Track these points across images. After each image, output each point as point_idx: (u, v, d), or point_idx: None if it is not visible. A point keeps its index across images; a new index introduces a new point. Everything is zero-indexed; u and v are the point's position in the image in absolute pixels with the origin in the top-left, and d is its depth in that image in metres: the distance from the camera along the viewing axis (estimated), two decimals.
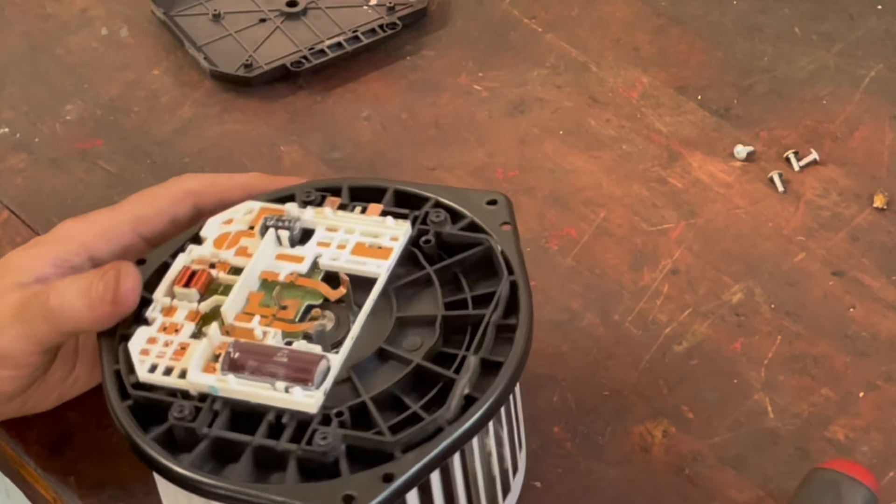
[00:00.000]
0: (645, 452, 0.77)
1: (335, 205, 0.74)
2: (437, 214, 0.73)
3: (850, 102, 0.95)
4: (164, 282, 0.72)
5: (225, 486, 0.65)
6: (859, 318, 0.83)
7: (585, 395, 0.79)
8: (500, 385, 0.66)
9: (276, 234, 0.73)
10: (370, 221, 0.73)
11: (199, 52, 0.98)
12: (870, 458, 0.76)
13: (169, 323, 0.70)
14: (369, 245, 0.72)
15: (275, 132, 0.95)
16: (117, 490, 0.76)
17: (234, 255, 0.72)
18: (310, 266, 0.72)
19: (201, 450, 0.66)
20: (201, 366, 0.68)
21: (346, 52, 0.99)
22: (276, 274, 0.71)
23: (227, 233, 0.74)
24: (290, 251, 0.73)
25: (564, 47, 1.00)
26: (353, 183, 0.76)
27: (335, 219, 0.73)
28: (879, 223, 0.88)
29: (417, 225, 0.73)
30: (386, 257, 0.71)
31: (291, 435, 0.66)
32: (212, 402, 0.67)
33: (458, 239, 0.73)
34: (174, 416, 0.66)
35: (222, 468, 0.66)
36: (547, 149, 0.93)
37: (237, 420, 0.67)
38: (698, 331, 0.82)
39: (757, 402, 0.79)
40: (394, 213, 0.74)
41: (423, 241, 0.72)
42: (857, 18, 1.01)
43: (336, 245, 0.72)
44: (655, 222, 0.88)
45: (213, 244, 0.73)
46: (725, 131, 0.93)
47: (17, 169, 0.93)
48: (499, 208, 0.74)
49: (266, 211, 0.74)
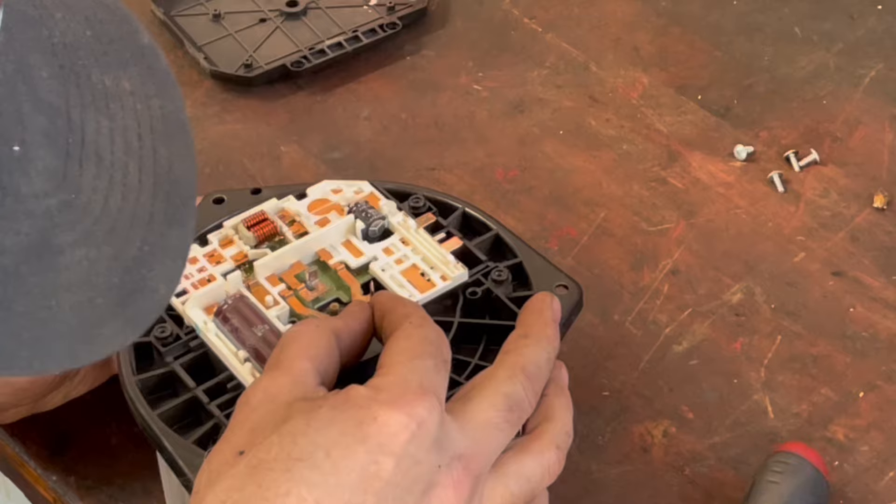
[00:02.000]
0: (645, 452, 0.77)
1: (426, 223, 0.74)
2: (499, 273, 0.72)
3: (850, 102, 0.95)
4: (240, 216, 0.73)
5: (144, 415, 0.66)
6: (859, 318, 0.83)
7: (585, 395, 0.79)
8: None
9: (355, 222, 0.73)
10: (436, 252, 0.72)
11: (199, 52, 0.98)
12: (869, 457, 0.76)
13: (217, 253, 0.72)
14: (421, 272, 0.71)
15: (275, 132, 0.95)
16: (117, 490, 0.76)
17: (314, 222, 0.74)
18: (361, 265, 0.72)
19: (156, 374, 0.68)
20: (203, 304, 0.70)
21: (346, 52, 0.99)
22: (331, 255, 0.72)
23: (327, 200, 0.75)
24: (358, 243, 0.73)
25: (564, 47, 1.00)
26: (469, 210, 0.76)
27: (412, 234, 0.73)
28: (879, 223, 0.88)
29: (478, 275, 0.72)
30: (424, 291, 0.71)
31: (225, 400, 0.66)
32: (192, 338, 0.69)
33: (502, 304, 0.71)
34: (155, 333, 0.69)
35: (165, 400, 0.68)
36: (547, 149, 0.93)
37: (203, 364, 0.68)
38: (698, 331, 0.82)
39: (757, 402, 0.79)
40: (472, 254, 0.73)
41: (469, 292, 0.72)
42: (857, 18, 1.01)
43: (396, 258, 0.72)
44: (655, 222, 0.88)
45: (309, 204, 0.75)
46: (725, 131, 0.93)
47: None
48: (564, 297, 0.71)
49: (372, 198, 0.75)
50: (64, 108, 0.47)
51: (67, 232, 0.46)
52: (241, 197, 0.76)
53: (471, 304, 0.71)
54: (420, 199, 0.76)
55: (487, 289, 0.72)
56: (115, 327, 0.48)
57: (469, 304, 0.71)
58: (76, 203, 0.46)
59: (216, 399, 0.67)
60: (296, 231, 0.73)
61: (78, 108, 0.47)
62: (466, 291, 0.72)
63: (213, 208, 0.75)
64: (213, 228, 0.74)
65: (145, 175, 0.49)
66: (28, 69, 0.46)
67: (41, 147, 0.46)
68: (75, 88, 0.48)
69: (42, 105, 0.46)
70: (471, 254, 0.73)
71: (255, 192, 0.76)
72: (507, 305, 0.71)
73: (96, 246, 0.47)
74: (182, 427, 0.67)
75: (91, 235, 0.47)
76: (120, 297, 0.48)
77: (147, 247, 0.49)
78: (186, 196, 0.51)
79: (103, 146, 0.48)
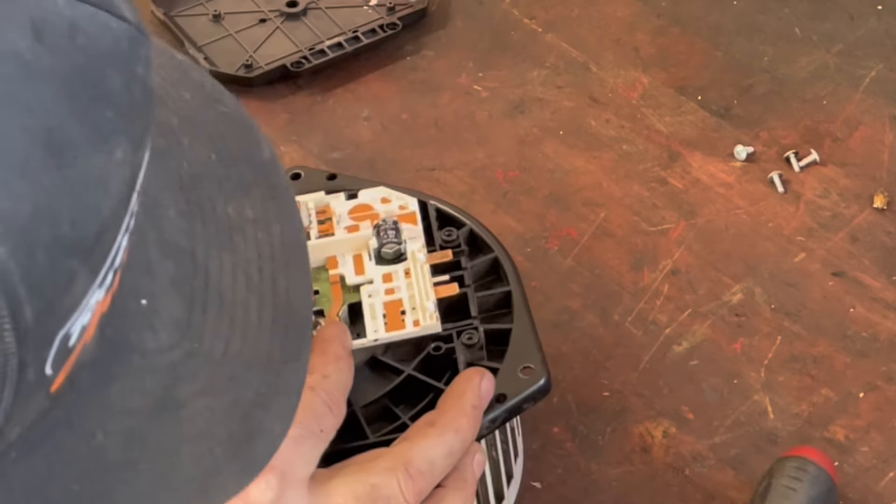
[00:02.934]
0: (645, 452, 0.77)
1: (440, 259, 0.72)
2: (470, 337, 0.69)
3: (850, 102, 0.95)
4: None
5: None
6: (859, 319, 0.83)
7: (585, 396, 0.79)
8: None
9: (372, 238, 0.72)
10: (423, 294, 0.70)
11: (199, 52, 0.98)
12: (870, 458, 0.76)
13: None
14: (402, 310, 0.70)
15: (275, 132, 0.95)
16: None
17: (345, 227, 0.73)
18: (357, 283, 0.71)
19: None
20: None
21: (346, 52, 0.99)
22: (336, 266, 0.72)
23: (370, 206, 0.74)
24: (367, 261, 0.72)
25: (564, 47, 1.00)
26: (500, 258, 0.73)
27: (416, 268, 0.71)
28: (879, 223, 0.88)
29: (451, 331, 0.69)
30: (391, 330, 0.69)
31: None
32: None
33: (458, 370, 0.68)
34: None
35: None
36: (547, 149, 0.93)
37: None
38: (698, 331, 0.82)
39: (757, 402, 0.79)
40: (465, 305, 0.70)
41: (433, 348, 0.69)
42: (857, 18, 1.01)
43: (389, 287, 0.71)
44: (655, 222, 0.88)
45: (352, 207, 0.74)
46: (725, 131, 0.93)
47: None
48: (524, 381, 0.67)
49: (410, 217, 0.73)
50: (190, 249, 0.45)
51: (190, 383, 0.44)
52: (317, 177, 0.76)
53: (430, 359, 0.69)
54: (454, 233, 0.73)
55: (452, 348, 0.69)
56: (232, 473, 0.46)
57: (428, 358, 0.69)
58: (199, 351, 0.44)
59: None
60: (323, 231, 0.72)
61: (202, 245, 0.45)
62: (431, 345, 0.69)
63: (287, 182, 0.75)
64: None
65: (264, 310, 0.47)
66: (157, 210, 0.44)
67: (167, 296, 0.43)
68: (201, 225, 0.46)
69: (169, 248, 0.44)
70: (465, 304, 0.71)
71: (330, 178, 0.77)
72: (455, 376, 0.67)
73: (217, 394, 0.45)
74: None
75: (213, 384, 0.45)
76: (237, 443, 0.46)
77: (264, 388, 0.47)
78: (303, 327, 0.49)
79: (226, 285, 0.45)
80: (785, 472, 0.71)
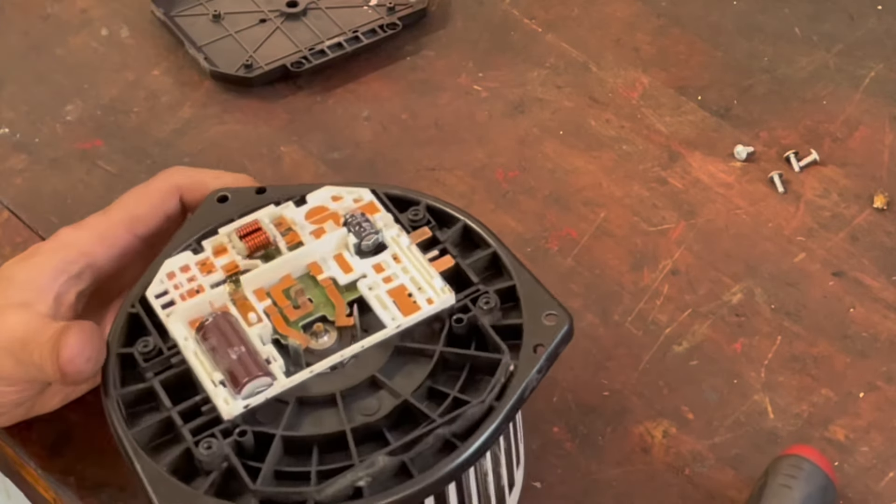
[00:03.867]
0: (645, 452, 0.77)
1: (420, 238, 0.72)
2: (487, 301, 0.69)
3: (850, 102, 0.95)
4: (236, 223, 0.72)
5: (121, 434, 0.65)
6: (859, 319, 0.83)
7: (585, 396, 0.79)
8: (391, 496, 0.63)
9: (347, 234, 0.71)
10: (425, 272, 0.70)
11: (199, 53, 0.98)
12: (870, 458, 0.76)
13: (209, 262, 0.70)
14: (408, 293, 0.69)
15: (275, 132, 0.95)
16: (117, 490, 0.76)
17: (310, 232, 0.72)
18: (350, 281, 0.70)
19: (134, 390, 0.67)
20: (188, 317, 0.68)
21: (346, 52, 0.99)
22: (322, 270, 0.70)
23: (325, 207, 0.73)
24: (350, 257, 0.71)
25: (564, 47, 1.00)
26: (469, 222, 0.73)
27: (403, 252, 0.71)
28: (879, 223, 0.88)
29: (465, 300, 0.69)
30: (408, 313, 0.68)
31: (199, 425, 0.65)
32: (175, 353, 0.67)
33: (487, 333, 0.69)
34: (138, 348, 0.68)
35: (140, 417, 0.67)
36: (547, 149, 0.93)
37: (183, 382, 0.67)
38: (698, 331, 0.82)
39: (757, 402, 0.79)
40: (464, 274, 0.71)
41: (455, 319, 0.69)
42: (857, 19, 1.01)
43: (385, 276, 0.70)
44: (655, 222, 0.88)
45: (307, 212, 0.73)
46: (725, 131, 0.93)
47: (17, 169, 0.93)
48: (552, 327, 0.68)
49: (370, 208, 0.73)
50: None
51: None
52: (246, 195, 0.74)
53: (454, 331, 0.69)
54: (419, 211, 0.73)
55: (474, 316, 0.69)
56: None
57: (452, 332, 0.69)
58: None
59: (190, 422, 0.65)
60: (290, 241, 0.71)
61: None
62: (452, 318, 0.69)
63: (217, 207, 0.74)
64: (209, 233, 0.72)
65: None
66: None
67: None
68: None
69: None
70: (463, 274, 0.71)
71: (259, 192, 0.75)
72: (489, 336, 0.68)
73: None
74: (157, 446, 0.65)
75: None
76: None
77: None
78: None
79: None
80: (781, 470, 0.71)
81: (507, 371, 0.66)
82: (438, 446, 0.65)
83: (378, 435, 0.66)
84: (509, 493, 0.73)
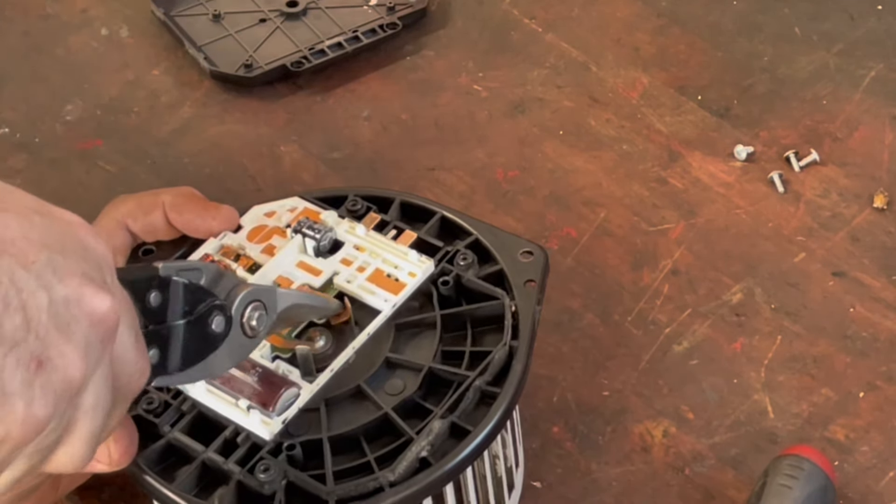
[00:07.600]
0: (645, 452, 0.77)
1: (373, 223, 0.73)
2: (464, 257, 0.72)
3: (850, 102, 0.95)
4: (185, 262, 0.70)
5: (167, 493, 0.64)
6: (859, 319, 0.83)
7: (585, 395, 0.79)
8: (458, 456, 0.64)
9: (303, 241, 0.71)
10: (395, 250, 0.71)
11: (199, 52, 0.98)
12: (870, 458, 0.76)
13: None
14: (387, 274, 0.70)
15: (275, 132, 0.95)
16: (117, 490, 0.76)
17: (260, 251, 0.72)
18: (325, 282, 0.70)
19: (157, 448, 0.66)
20: None
21: (346, 52, 0.99)
22: (291, 282, 0.70)
23: (264, 226, 0.73)
24: (312, 261, 0.71)
25: (564, 47, 1.00)
26: (405, 199, 0.75)
27: (364, 239, 0.72)
28: (879, 223, 0.88)
29: (443, 264, 0.71)
30: (397, 292, 0.69)
31: (241, 456, 0.65)
32: (182, 400, 0.67)
33: (476, 287, 0.71)
34: (143, 407, 0.67)
35: (175, 470, 0.66)
36: (547, 149, 0.93)
37: (201, 424, 0.66)
38: (698, 331, 0.82)
39: (757, 402, 0.79)
40: (428, 242, 0.72)
41: (441, 282, 0.71)
42: (857, 18, 1.01)
43: (357, 266, 0.71)
44: (655, 222, 0.88)
45: (247, 235, 0.73)
46: (725, 131, 0.93)
47: (17, 169, 0.93)
48: (532, 262, 0.71)
49: (309, 212, 0.73)
50: None
51: None
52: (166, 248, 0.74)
53: (444, 294, 0.71)
54: (356, 200, 0.74)
55: (457, 275, 0.71)
56: None
57: (443, 294, 0.71)
58: None
59: (231, 456, 0.65)
60: (245, 265, 0.71)
61: None
62: (439, 282, 0.71)
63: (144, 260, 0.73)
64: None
65: None
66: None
67: None
68: None
69: None
70: (426, 242, 0.73)
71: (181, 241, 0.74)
72: (480, 288, 0.71)
73: None
74: (198, 493, 0.65)
75: None
76: None
77: None
78: None
79: None
80: (780, 470, 0.71)
81: (511, 310, 0.69)
82: (477, 399, 0.67)
83: (416, 407, 0.67)
84: (509, 494, 0.73)
